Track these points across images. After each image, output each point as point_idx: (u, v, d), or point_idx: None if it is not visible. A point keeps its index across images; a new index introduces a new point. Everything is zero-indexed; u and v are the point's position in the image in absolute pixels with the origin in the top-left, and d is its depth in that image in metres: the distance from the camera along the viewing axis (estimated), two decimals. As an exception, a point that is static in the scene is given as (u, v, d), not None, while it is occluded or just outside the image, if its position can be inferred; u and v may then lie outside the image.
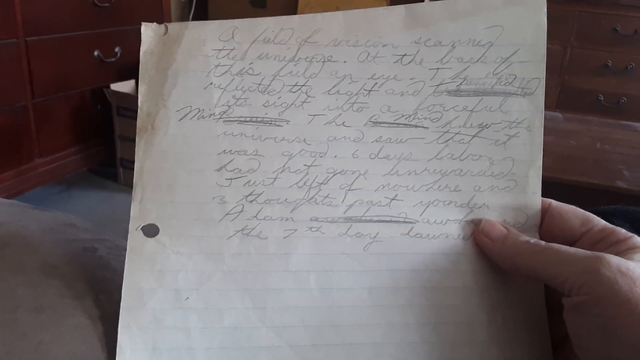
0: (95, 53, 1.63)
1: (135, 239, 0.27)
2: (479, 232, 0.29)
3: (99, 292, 0.29)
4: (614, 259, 0.23)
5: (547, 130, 0.30)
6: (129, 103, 1.65)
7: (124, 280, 0.27)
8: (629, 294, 0.22)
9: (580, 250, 0.25)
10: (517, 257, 0.27)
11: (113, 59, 1.68)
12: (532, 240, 0.27)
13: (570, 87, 2.08)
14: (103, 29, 1.64)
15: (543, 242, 0.27)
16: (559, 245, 0.26)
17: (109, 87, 1.66)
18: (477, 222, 0.29)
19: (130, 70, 1.76)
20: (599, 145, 1.31)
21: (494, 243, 0.28)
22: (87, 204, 1.65)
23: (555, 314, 0.28)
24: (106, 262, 0.32)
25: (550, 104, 2.03)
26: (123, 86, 1.70)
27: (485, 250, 0.28)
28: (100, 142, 1.74)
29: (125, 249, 0.35)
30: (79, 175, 1.74)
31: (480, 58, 0.29)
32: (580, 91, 2.08)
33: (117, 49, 1.70)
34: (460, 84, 0.29)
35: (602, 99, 2.07)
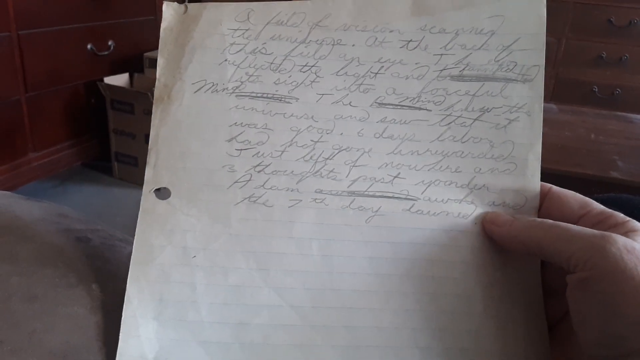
0: (89, 46, 1.62)
1: (148, 201, 0.29)
2: (485, 222, 0.29)
3: (93, 281, 0.29)
4: (620, 238, 0.24)
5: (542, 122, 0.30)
6: (123, 96, 1.65)
7: (135, 237, 0.28)
8: (634, 271, 0.22)
9: (587, 228, 0.25)
10: (524, 234, 0.27)
11: (106, 52, 1.68)
12: (540, 219, 0.28)
13: (565, 78, 2.09)
14: (96, 22, 1.63)
15: (550, 220, 0.27)
16: (566, 223, 0.26)
17: (102, 80, 1.65)
18: (476, 202, 0.30)
19: (124, 64, 1.75)
20: (593, 136, 1.31)
21: (501, 227, 0.28)
22: (82, 198, 1.65)
23: (551, 297, 0.29)
24: (100, 252, 0.32)
25: (545, 95, 2.02)
26: (117, 79, 1.69)
27: (494, 236, 0.29)
28: (94, 136, 1.74)
29: (119, 239, 0.35)
30: (73, 169, 1.73)
31: (482, 45, 0.30)
32: (574, 83, 2.09)
33: (110, 42, 1.69)
34: (463, 69, 0.30)
35: (596, 90, 2.08)
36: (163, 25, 0.30)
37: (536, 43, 0.30)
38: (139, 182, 1.70)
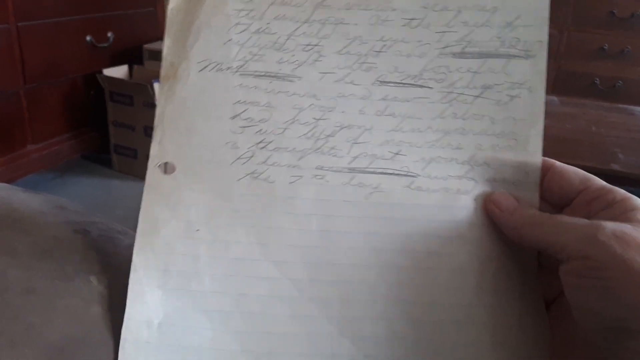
0: (88, 38, 1.61)
1: (153, 175, 0.30)
2: (489, 201, 0.29)
3: (90, 273, 0.29)
4: (609, 225, 0.24)
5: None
6: (122, 88, 1.64)
7: (140, 210, 0.29)
8: (624, 256, 0.23)
9: (581, 219, 0.26)
10: (523, 229, 0.27)
11: (105, 44, 1.67)
12: (538, 212, 0.28)
13: (567, 70, 2.08)
14: (95, 13, 1.62)
15: (547, 214, 0.27)
16: (562, 215, 0.27)
17: (101, 72, 1.65)
18: (477, 178, 0.30)
19: (123, 55, 1.75)
20: (594, 129, 1.31)
21: (502, 213, 0.28)
22: (81, 190, 1.65)
23: (548, 274, 0.29)
24: (98, 244, 0.32)
25: (546, 87, 2.02)
26: (116, 71, 1.69)
27: (494, 219, 0.29)
28: (93, 129, 1.74)
29: (118, 231, 0.35)
30: (72, 161, 1.73)
31: (485, 22, 0.30)
32: (576, 75, 2.08)
33: (109, 34, 1.68)
34: (465, 46, 0.30)
35: (598, 82, 2.07)
36: (170, 5, 0.31)
37: (539, 18, 0.30)
38: (138, 175, 1.70)
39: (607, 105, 1.50)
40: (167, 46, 0.30)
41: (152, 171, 0.30)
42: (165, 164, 0.30)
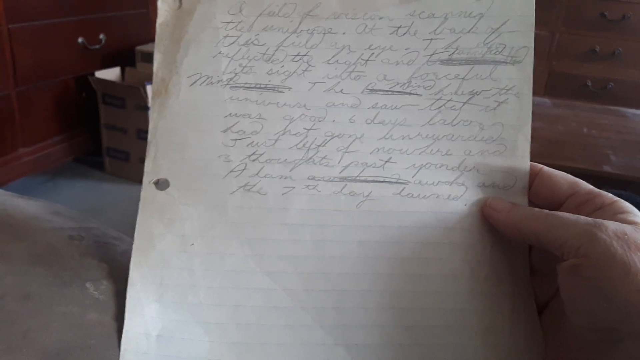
0: (80, 40, 1.60)
1: (148, 191, 0.30)
2: (485, 206, 0.30)
3: (86, 280, 0.29)
4: (611, 224, 0.24)
5: (535, 116, 0.31)
6: (114, 91, 1.64)
7: (136, 225, 0.29)
8: (624, 257, 0.23)
9: (581, 216, 0.26)
10: (522, 223, 0.27)
11: (97, 46, 1.66)
12: (537, 209, 0.28)
13: (558, 72, 2.09)
14: (87, 15, 1.62)
15: (546, 210, 0.27)
16: (562, 212, 0.27)
17: (93, 74, 1.64)
18: (467, 184, 0.30)
19: (115, 57, 1.74)
20: (586, 131, 1.32)
21: (499, 213, 0.29)
22: (73, 193, 1.64)
23: (538, 278, 0.29)
24: (93, 250, 0.32)
25: (538, 89, 2.04)
26: (108, 73, 1.68)
27: (492, 221, 0.29)
28: (85, 131, 1.73)
29: (113, 237, 0.35)
30: (64, 164, 1.72)
31: (471, 29, 0.30)
32: (567, 77, 2.09)
33: (101, 36, 1.67)
34: (452, 53, 0.30)
35: (589, 84, 2.08)
36: (159, 21, 0.31)
37: (525, 24, 0.30)
38: (130, 177, 1.69)
39: (599, 107, 1.51)
40: (157, 61, 0.30)
41: (147, 187, 0.30)
42: (159, 179, 0.30)
